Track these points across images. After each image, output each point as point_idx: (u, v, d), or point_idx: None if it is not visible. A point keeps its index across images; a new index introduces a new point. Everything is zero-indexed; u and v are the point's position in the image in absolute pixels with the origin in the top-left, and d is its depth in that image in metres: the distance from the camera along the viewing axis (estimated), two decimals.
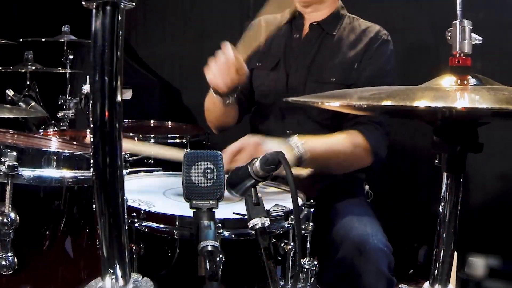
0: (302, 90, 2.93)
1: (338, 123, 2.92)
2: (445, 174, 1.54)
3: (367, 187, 3.03)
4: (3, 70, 4.46)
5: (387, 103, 1.37)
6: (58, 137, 3.45)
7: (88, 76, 2.50)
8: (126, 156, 2.49)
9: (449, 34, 1.53)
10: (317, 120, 2.97)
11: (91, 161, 1.12)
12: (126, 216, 1.17)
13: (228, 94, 2.85)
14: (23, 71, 4.43)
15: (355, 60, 2.95)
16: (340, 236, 2.55)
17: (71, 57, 4.74)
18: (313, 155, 2.53)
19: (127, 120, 4.58)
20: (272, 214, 1.95)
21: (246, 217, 1.79)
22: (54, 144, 2.66)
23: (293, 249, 1.99)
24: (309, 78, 2.98)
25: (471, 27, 1.51)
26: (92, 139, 1.10)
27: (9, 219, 1.74)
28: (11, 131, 2.60)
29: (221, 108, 2.97)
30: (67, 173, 1.91)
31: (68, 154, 1.96)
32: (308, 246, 2.17)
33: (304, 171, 2.48)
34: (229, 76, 2.70)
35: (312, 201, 2.21)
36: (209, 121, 3.29)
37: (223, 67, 2.68)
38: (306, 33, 3.08)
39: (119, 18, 1.07)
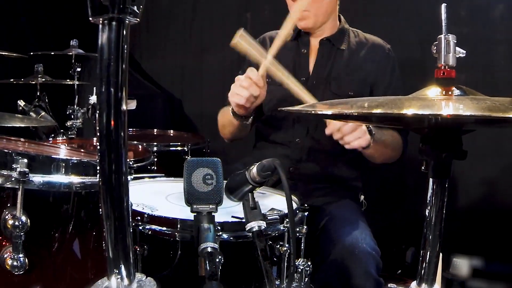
0: (320, 101, 2.93)
1: None
2: (431, 180, 1.54)
3: (362, 197, 3.04)
4: (14, 82, 4.46)
5: (377, 111, 1.37)
6: (66, 145, 3.45)
7: (95, 88, 2.50)
8: (131, 163, 2.49)
9: (435, 47, 1.53)
10: (325, 128, 3.00)
11: (98, 168, 1.11)
12: (130, 220, 1.17)
13: (248, 116, 2.91)
14: (33, 82, 4.43)
15: (368, 76, 3.05)
16: (332, 240, 2.58)
17: (79, 69, 4.72)
18: (377, 137, 2.67)
19: (131, 129, 4.58)
20: (268, 218, 1.95)
21: (244, 220, 1.80)
22: (62, 152, 2.66)
23: (288, 251, 1.99)
24: (327, 89, 3.02)
25: (456, 41, 1.52)
26: (98, 147, 1.10)
27: (20, 222, 1.74)
28: (22, 139, 2.60)
29: (238, 126, 2.99)
30: (75, 179, 1.90)
31: (76, 161, 1.95)
32: (302, 247, 2.17)
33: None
34: (253, 97, 2.72)
35: (306, 205, 2.21)
36: (223, 134, 3.28)
37: (251, 88, 2.69)
38: (318, 48, 3.10)
39: (124, 32, 1.07)
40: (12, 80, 4.46)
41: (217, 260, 1.59)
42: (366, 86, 3.04)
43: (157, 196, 2.31)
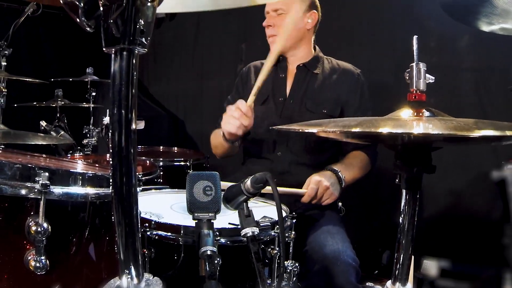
0: (296, 118, 2.98)
1: (320, 146, 3.03)
2: (404, 191, 1.54)
3: (340, 204, 3.05)
4: (37, 105, 4.51)
5: (356, 129, 1.38)
6: (83, 160, 3.44)
7: (108, 110, 2.50)
8: (140, 176, 2.48)
9: (407, 74, 1.54)
10: (302, 143, 3.01)
11: (111, 180, 1.11)
12: (139, 226, 1.16)
13: (238, 140, 2.92)
14: (54, 105, 4.46)
15: (340, 96, 3.08)
16: (316, 252, 2.59)
17: (94, 94, 4.78)
18: (347, 182, 2.85)
19: (140, 146, 4.58)
20: (261, 224, 1.95)
21: (239, 226, 1.80)
22: (79, 166, 2.65)
23: (278, 253, 1.98)
24: (303, 107, 3.05)
25: (426, 69, 1.53)
26: (111, 162, 1.10)
27: (42, 229, 1.73)
28: (44, 155, 2.60)
29: (228, 147, 3.01)
30: (91, 190, 1.90)
31: (91, 174, 1.95)
32: (290, 251, 2.16)
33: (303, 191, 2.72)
34: (244, 126, 2.77)
35: (294, 213, 2.21)
36: (215, 153, 3.29)
37: (241, 119, 2.75)
38: (295, 73, 3.15)
39: (134, 61, 1.07)
40: (35, 103, 4.50)
41: (216, 261, 1.59)
42: (338, 106, 3.07)
43: (162, 205, 2.30)
